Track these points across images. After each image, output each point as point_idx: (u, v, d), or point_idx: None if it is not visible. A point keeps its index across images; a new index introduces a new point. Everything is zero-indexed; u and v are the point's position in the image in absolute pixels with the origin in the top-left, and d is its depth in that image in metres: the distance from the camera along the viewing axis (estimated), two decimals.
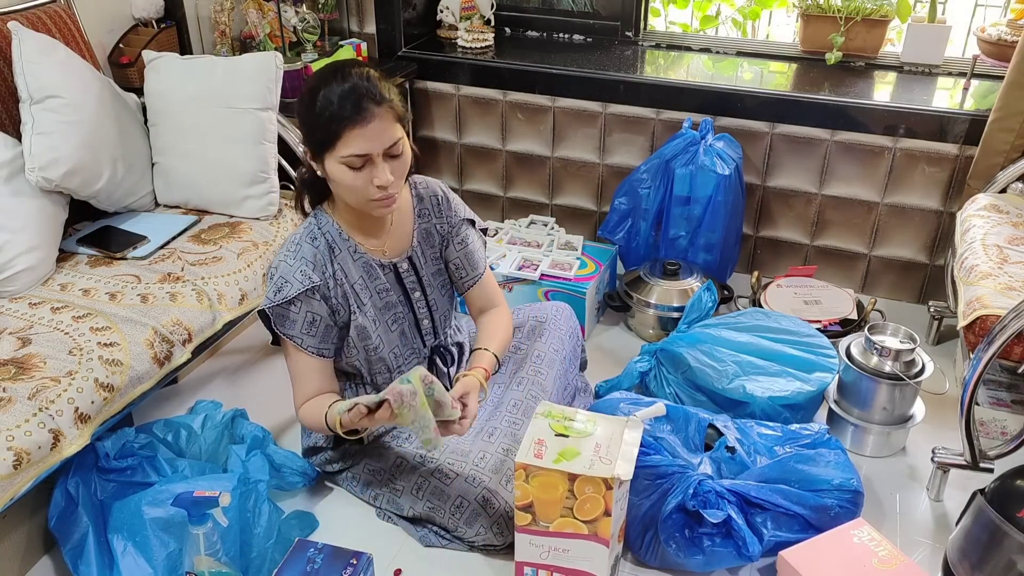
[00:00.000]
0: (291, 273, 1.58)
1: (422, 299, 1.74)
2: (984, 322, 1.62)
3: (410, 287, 1.71)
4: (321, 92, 1.46)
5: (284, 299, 1.57)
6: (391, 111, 1.48)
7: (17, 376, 1.51)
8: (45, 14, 2.03)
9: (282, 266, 1.59)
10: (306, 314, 1.59)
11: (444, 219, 1.74)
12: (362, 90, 1.45)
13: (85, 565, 1.52)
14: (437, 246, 1.75)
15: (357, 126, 1.45)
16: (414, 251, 1.71)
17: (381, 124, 1.46)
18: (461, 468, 1.63)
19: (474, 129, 2.81)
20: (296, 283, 1.57)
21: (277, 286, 1.58)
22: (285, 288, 1.57)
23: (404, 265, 1.70)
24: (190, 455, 1.77)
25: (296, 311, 1.59)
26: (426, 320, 1.76)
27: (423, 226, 1.73)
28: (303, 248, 1.60)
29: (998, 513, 1.43)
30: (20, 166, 1.81)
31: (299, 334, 1.60)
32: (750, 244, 2.62)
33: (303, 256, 1.59)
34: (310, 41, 2.68)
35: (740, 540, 1.54)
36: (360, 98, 1.44)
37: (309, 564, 1.42)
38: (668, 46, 2.80)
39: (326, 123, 1.45)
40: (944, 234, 2.37)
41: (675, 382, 1.98)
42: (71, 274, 1.85)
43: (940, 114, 2.24)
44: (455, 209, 1.76)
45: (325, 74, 1.49)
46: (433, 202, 1.74)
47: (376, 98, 1.46)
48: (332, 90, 1.45)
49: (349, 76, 1.47)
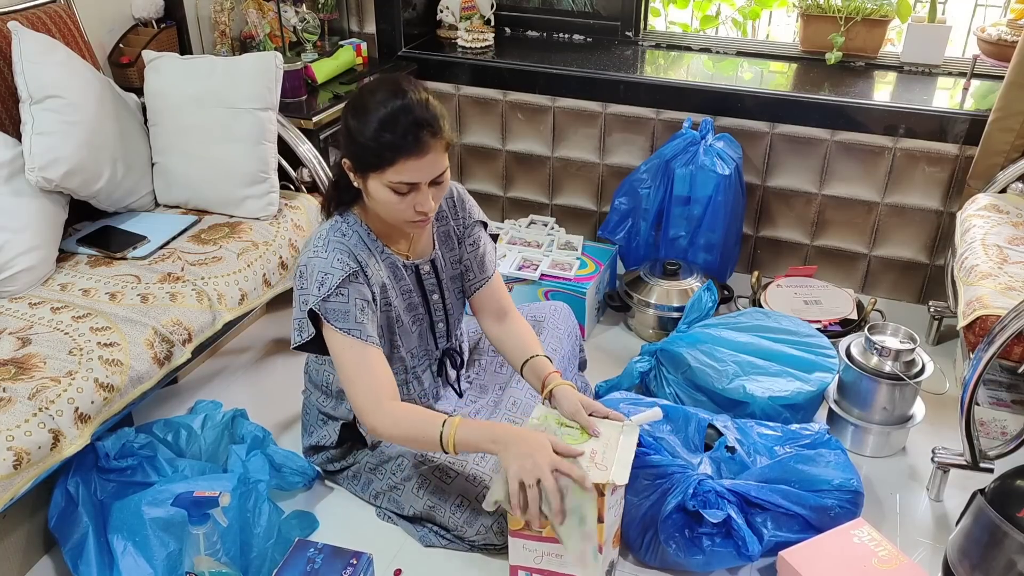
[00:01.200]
0: (327, 265, 1.50)
1: (440, 302, 1.72)
2: (984, 322, 1.62)
3: (429, 289, 1.69)
4: (379, 114, 1.41)
5: (330, 290, 1.48)
6: (444, 142, 1.45)
7: (17, 376, 1.51)
8: (45, 14, 2.03)
9: (315, 261, 1.51)
10: (355, 300, 1.50)
11: (460, 220, 1.72)
12: (423, 121, 1.41)
13: (85, 565, 1.52)
14: (456, 248, 1.73)
15: (413, 157, 1.41)
16: (436, 254, 1.68)
17: (435, 156, 1.43)
18: (462, 467, 1.63)
19: (474, 129, 2.81)
20: (336, 271, 1.49)
21: (319, 281, 1.49)
22: (327, 280, 1.49)
23: (426, 267, 1.67)
24: (190, 455, 1.77)
25: (346, 299, 1.49)
26: (441, 323, 1.74)
27: (442, 229, 1.70)
28: (332, 242, 1.53)
29: (998, 513, 1.43)
30: (20, 166, 1.81)
31: (355, 325, 1.49)
32: (750, 244, 2.62)
33: (335, 247, 1.52)
34: (310, 41, 2.68)
35: (740, 540, 1.54)
36: (420, 129, 1.40)
37: (309, 564, 1.42)
38: (668, 46, 2.80)
39: (381, 148, 1.41)
40: (944, 234, 2.37)
41: (675, 382, 1.98)
42: (71, 274, 1.85)
43: (940, 114, 2.24)
44: (469, 210, 1.73)
45: (384, 94, 1.43)
46: (449, 203, 1.71)
47: (434, 129, 1.42)
48: (392, 116, 1.40)
49: (409, 103, 1.41)
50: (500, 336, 1.74)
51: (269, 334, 2.40)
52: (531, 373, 1.64)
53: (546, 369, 1.62)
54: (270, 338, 2.39)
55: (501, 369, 1.90)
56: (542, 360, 1.64)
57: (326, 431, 1.77)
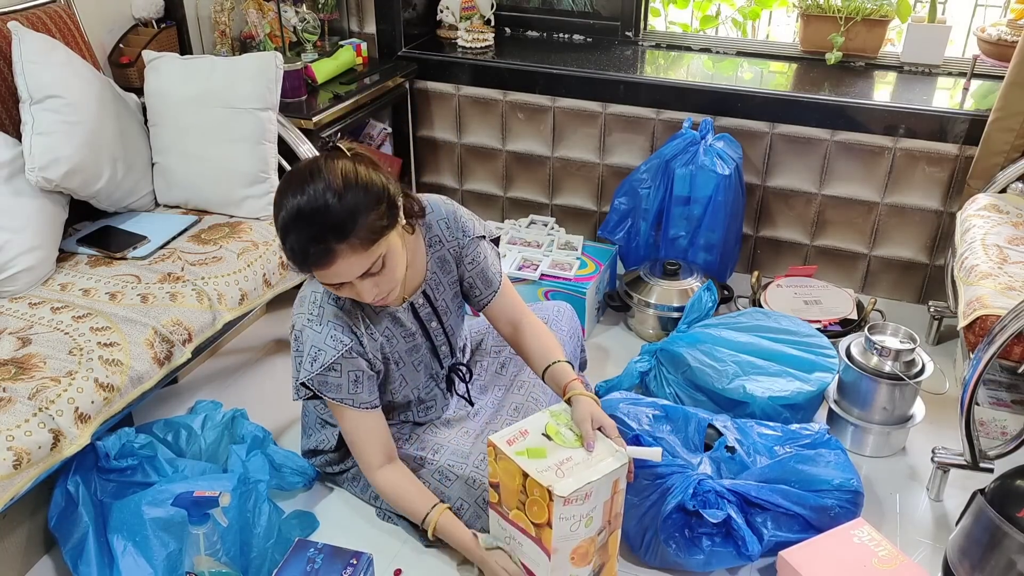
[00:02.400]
0: (321, 340, 1.50)
1: (439, 327, 1.69)
2: (984, 322, 1.62)
3: (426, 319, 1.65)
4: (282, 220, 1.33)
5: (323, 367, 1.49)
6: (359, 241, 1.32)
7: (17, 376, 1.51)
8: (45, 14, 2.03)
9: (308, 333, 1.50)
10: (348, 374, 1.52)
11: (455, 242, 1.64)
12: (322, 229, 1.30)
13: (85, 565, 1.52)
14: (454, 271, 1.67)
15: (322, 268, 1.34)
16: (428, 283, 1.64)
17: (346, 261, 1.33)
18: (461, 470, 1.63)
19: (474, 129, 2.81)
20: (330, 349, 1.49)
21: (312, 356, 1.50)
22: (320, 356, 1.49)
23: (419, 300, 1.63)
24: (190, 455, 1.77)
25: (339, 374, 1.51)
26: (444, 346, 1.72)
27: (437, 254, 1.63)
28: (326, 311, 1.51)
29: (998, 513, 1.43)
30: (20, 166, 1.81)
31: (348, 395, 1.53)
32: (750, 244, 2.62)
33: (328, 320, 1.50)
34: (310, 41, 2.68)
35: (740, 540, 1.54)
36: (319, 241, 1.30)
37: (309, 564, 1.42)
38: (668, 46, 2.80)
39: (291, 259, 1.36)
40: (944, 234, 2.37)
41: (675, 382, 1.98)
42: (71, 274, 1.85)
43: (940, 114, 2.24)
44: (463, 228, 1.64)
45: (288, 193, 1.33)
46: (442, 226, 1.63)
47: (338, 234, 1.30)
48: (289, 225, 1.32)
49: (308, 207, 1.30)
50: (519, 345, 1.71)
51: (269, 334, 2.40)
52: (552, 380, 1.62)
53: (567, 376, 1.58)
54: (270, 338, 2.39)
55: (502, 371, 1.89)
56: (563, 367, 1.61)
57: (324, 435, 1.77)
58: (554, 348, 1.66)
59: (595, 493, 1.36)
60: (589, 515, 1.38)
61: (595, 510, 1.38)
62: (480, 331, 1.97)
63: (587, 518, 1.38)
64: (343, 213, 1.30)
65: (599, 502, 1.38)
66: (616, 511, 1.45)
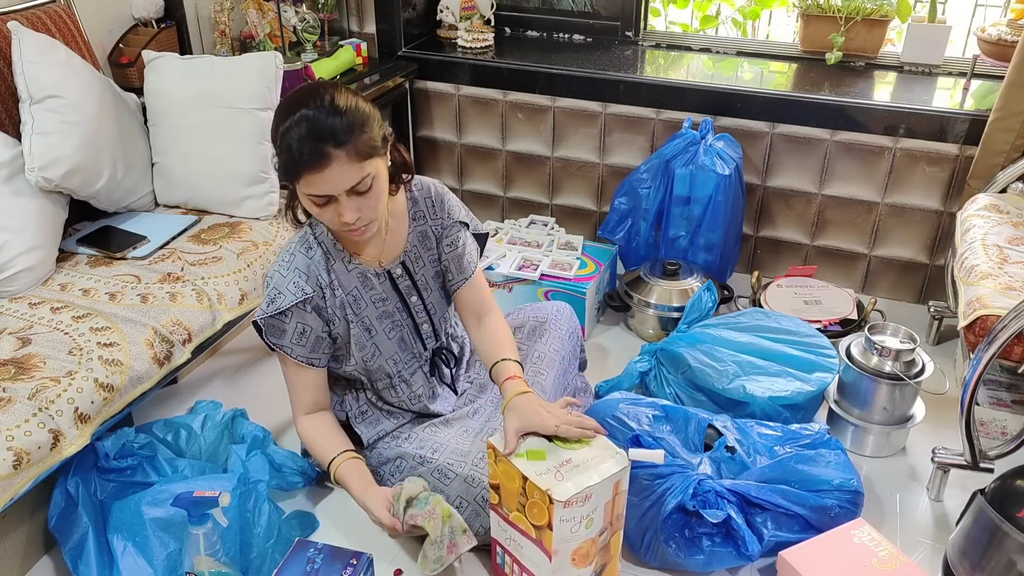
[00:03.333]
0: (284, 284, 1.57)
1: (420, 303, 1.72)
2: (984, 322, 1.62)
3: (406, 292, 1.69)
4: (284, 125, 1.39)
5: (276, 311, 1.56)
6: (355, 151, 1.39)
7: (17, 376, 1.51)
8: (45, 14, 2.03)
9: (275, 276, 1.58)
10: (296, 324, 1.58)
11: (438, 221, 1.71)
12: (322, 131, 1.37)
13: (85, 565, 1.52)
14: (434, 248, 1.73)
15: (314, 171, 1.38)
16: (407, 255, 1.68)
17: (339, 168, 1.39)
18: (461, 468, 1.63)
19: (474, 129, 2.81)
20: (289, 295, 1.56)
21: (271, 297, 1.58)
22: (278, 300, 1.56)
23: (398, 271, 1.67)
24: (190, 455, 1.77)
25: (287, 322, 1.58)
26: (426, 324, 1.75)
27: (419, 228, 1.70)
28: (296, 258, 1.59)
29: (998, 513, 1.43)
30: (20, 166, 1.81)
31: (288, 344, 1.60)
32: (750, 244, 2.62)
33: (296, 267, 1.58)
34: (310, 41, 2.68)
35: (740, 540, 1.54)
36: (317, 140, 1.37)
37: (309, 564, 1.42)
38: (668, 46, 2.80)
39: (285, 163, 1.42)
40: (944, 234, 2.37)
41: (675, 382, 1.98)
42: (71, 274, 1.85)
43: (940, 114, 2.24)
44: (448, 210, 1.71)
45: (289, 104, 1.41)
46: (428, 204, 1.70)
47: (337, 139, 1.37)
48: (292, 129, 1.38)
49: (311, 113, 1.38)
50: (477, 339, 1.73)
51: None
52: (495, 376, 1.63)
53: (504, 373, 1.59)
54: None
55: None
56: (505, 364, 1.61)
57: None
58: (504, 346, 1.66)
59: (595, 495, 1.36)
60: (590, 516, 1.37)
61: (596, 511, 1.38)
62: None
63: (587, 519, 1.37)
64: (343, 122, 1.39)
65: (600, 503, 1.38)
66: (618, 512, 1.45)
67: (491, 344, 1.69)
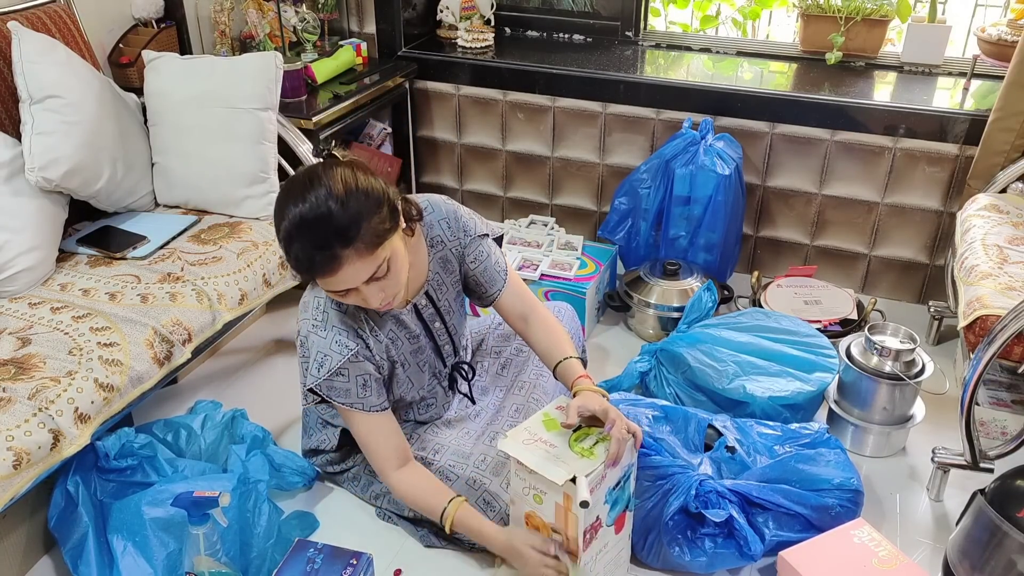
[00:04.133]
0: (327, 346, 1.49)
1: (442, 328, 1.69)
2: (984, 322, 1.62)
3: (429, 319, 1.65)
4: (285, 229, 1.33)
5: (330, 373, 1.49)
6: (364, 245, 1.32)
7: (17, 376, 1.51)
8: (45, 14, 2.03)
9: (313, 339, 1.50)
10: (356, 378, 1.51)
11: (457, 241, 1.64)
12: (326, 236, 1.30)
13: (85, 565, 1.52)
14: (456, 271, 1.67)
15: (327, 276, 1.34)
16: (429, 284, 1.63)
17: (352, 267, 1.33)
18: (462, 470, 1.63)
19: (474, 129, 2.81)
20: (335, 355, 1.49)
21: (319, 362, 1.49)
22: (327, 363, 1.49)
23: (422, 301, 1.63)
24: (190, 455, 1.77)
25: (346, 379, 1.51)
26: (447, 346, 1.72)
27: (439, 255, 1.63)
28: (330, 316, 1.50)
29: (998, 513, 1.43)
30: (20, 166, 1.81)
31: (357, 400, 1.52)
32: (750, 244, 2.62)
33: (333, 325, 1.50)
34: (310, 41, 2.68)
35: (742, 540, 1.54)
36: (323, 248, 1.31)
37: (309, 564, 1.42)
38: (668, 46, 2.80)
39: (295, 269, 1.37)
40: (944, 234, 2.37)
41: (675, 382, 1.98)
42: (71, 274, 1.85)
43: (940, 114, 2.24)
44: (464, 228, 1.64)
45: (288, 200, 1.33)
46: (443, 226, 1.63)
47: (344, 239, 1.31)
48: (294, 239, 1.32)
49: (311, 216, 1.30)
50: (528, 339, 1.70)
51: (269, 334, 2.40)
52: (562, 376, 1.62)
53: (575, 372, 1.59)
54: (270, 338, 2.39)
55: (503, 372, 1.89)
56: (571, 363, 1.60)
57: (325, 435, 1.77)
58: (563, 343, 1.64)
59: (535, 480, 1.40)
60: (536, 493, 1.42)
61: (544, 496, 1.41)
62: (480, 331, 1.97)
63: (534, 494, 1.42)
64: (347, 219, 1.31)
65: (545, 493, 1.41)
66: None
67: (548, 343, 1.65)
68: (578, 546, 1.41)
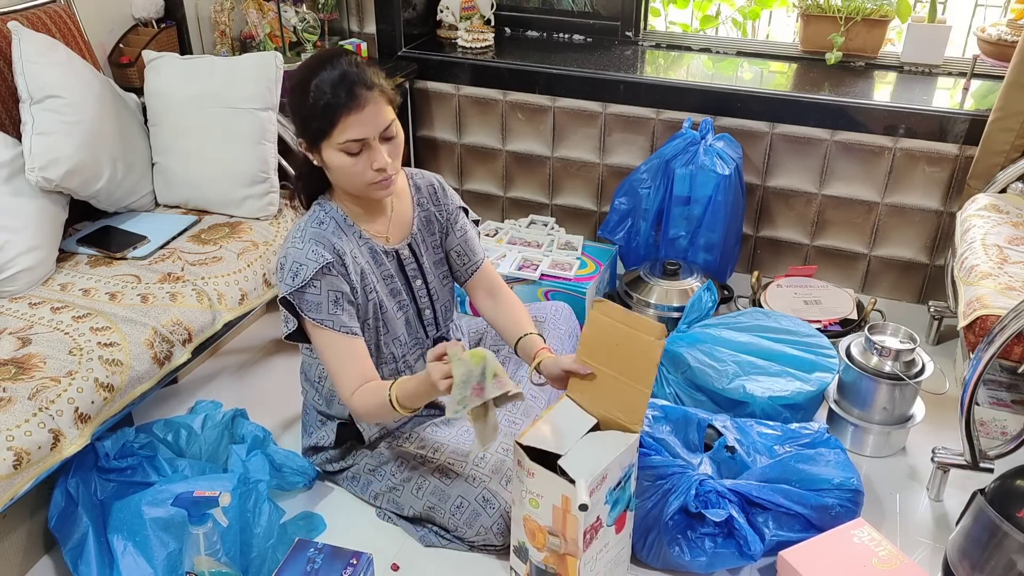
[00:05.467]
0: (302, 256, 1.54)
1: (423, 287, 1.73)
2: (984, 322, 1.62)
3: (411, 274, 1.71)
4: (313, 82, 1.47)
5: (303, 282, 1.52)
6: (382, 95, 1.50)
7: (17, 376, 1.51)
8: (45, 14, 2.03)
9: (291, 251, 1.56)
10: (328, 293, 1.55)
11: (442, 207, 1.76)
12: (353, 76, 1.47)
13: (85, 565, 1.52)
14: (437, 234, 1.76)
15: (352, 112, 1.46)
16: (414, 238, 1.71)
17: (375, 108, 1.48)
18: (461, 468, 1.63)
19: (474, 129, 2.81)
20: (310, 263, 1.53)
21: (293, 271, 1.54)
22: (301, 271, 1.53)
23: (405, 251, 1.69)
24: (190, 455, 1.77)
25: (318, 291, 1.54)
26: (428, 310, 1.75)
27: (422, 214, 1.73)
28: (309, 231, 1.58)
29: (998, 513, 1.43)
30: (20, 166, 1.81)
31: (328, 316, 1.55)
32: (750, 244, 2.62)
33: (311, 237, 1.56)
34: (310, 41, 2.68)
35: (742, 540, 1.54)
36: (352, 84, 1.46)
37: (309, 564, 1.42)
38: (668, 46, 2.80)
39: (322, 112, 1.46)
40: (944, 234, 2.37)
41: (675, 382, 1.98)
42: (71, 274, 1.85)
43: (940, 114, 2.24)
44: (450, 197, 1.77)
45: (313, 65, 1.50)
46: (430, 191, 1.75)
47: (367, 83, 1.48)
48: (324, 79, 1.46)
49: (338, 64, 1.48)
50: (493, 314, 1.79)
51: (269, 334, 2.40)
52: (524, 350, 1.69)
53: (536, 346, 1.66)
54: (270, 338, 2.39)
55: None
56: (533, 339, 1.68)
57: (324, 432, 1.77)
58: (526, 321, 1.73)
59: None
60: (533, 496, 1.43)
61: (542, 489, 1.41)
62: (479, 331, 1.98)
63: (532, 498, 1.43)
64: (369, 72, 1.50)
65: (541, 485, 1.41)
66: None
67: (510, 319, 1.75)
68: (578, 547, 1.41)
